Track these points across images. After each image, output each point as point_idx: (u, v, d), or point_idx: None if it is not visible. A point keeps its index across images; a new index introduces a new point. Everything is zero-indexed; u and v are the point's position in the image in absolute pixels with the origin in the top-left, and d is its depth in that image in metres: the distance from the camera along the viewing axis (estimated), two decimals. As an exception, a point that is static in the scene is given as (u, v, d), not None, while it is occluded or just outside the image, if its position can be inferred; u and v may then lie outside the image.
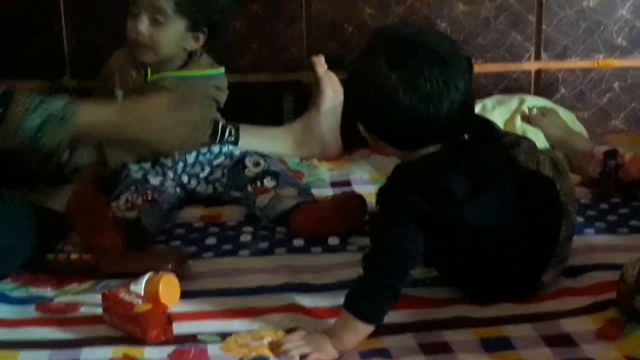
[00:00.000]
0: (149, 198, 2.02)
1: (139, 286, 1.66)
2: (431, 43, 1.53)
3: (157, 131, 1.84)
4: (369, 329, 1.52)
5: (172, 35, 2.11)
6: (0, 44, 2.50)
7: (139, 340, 1.53)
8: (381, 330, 1.56)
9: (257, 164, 2.13)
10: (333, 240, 1.94)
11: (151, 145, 1.93)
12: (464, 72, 1.53)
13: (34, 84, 2.50)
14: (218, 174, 2.16)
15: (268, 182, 2.08)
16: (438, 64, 1.51)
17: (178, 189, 2.15)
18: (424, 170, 1.55)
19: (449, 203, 1.54)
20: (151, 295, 1.64)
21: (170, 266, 1.75)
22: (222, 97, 2.22)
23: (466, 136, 1.59)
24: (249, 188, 2.08)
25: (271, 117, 2.59)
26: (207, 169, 2.17)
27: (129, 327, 1.56)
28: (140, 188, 2.05)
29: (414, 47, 1.52)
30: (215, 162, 2.18)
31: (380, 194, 1.59)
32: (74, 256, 1.82)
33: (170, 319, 1.57)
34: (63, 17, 2.52)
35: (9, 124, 1.76)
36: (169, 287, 1.67)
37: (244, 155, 2.18)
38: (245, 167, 2.13)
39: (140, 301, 1.59)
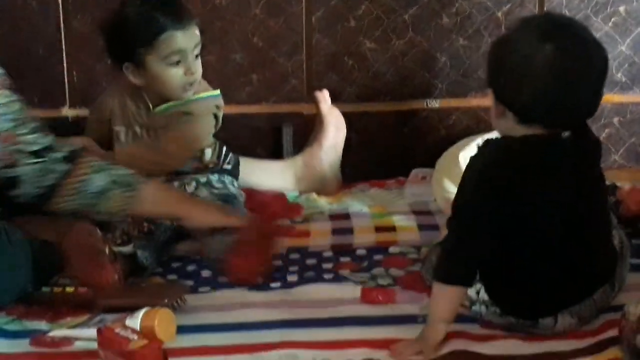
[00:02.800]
0: (145, 230, 2.01)
1: (135, 320, 1.64)
2: (579, 26, 1.59)
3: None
4: (448, 289, 1.59)
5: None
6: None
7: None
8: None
9: None
10: (328, 276, 1.93)
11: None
12: (603, 65, 1.58)
13: (34, 112, 2.51)
14: None
15: None
16: (586, 45, 1.56)
17: (175, 222, 2.14)
18: (510, 142, 1.60)
19: (521, 176, 1.58)
20: (147, 330, 1.63)
21: (166, 300, 1.74)
22: (220, 112, 2.22)
23: (566, 133, 1.60)
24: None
25: (270, 149, 2.59)
26: None
27: None
28: (136, 219, 2.05)
29: (565, 25, 1.58)
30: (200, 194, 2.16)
31: (469, 164, 1.64)
32: (69, 289, 1.81)
33: (166, 355, 1.56)
34: (64, 50, 2.52)
35: (72, 183, 1.76)
36: (165, 322, 1.66)
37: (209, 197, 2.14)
38: None
39: (135, 337, 1.57)
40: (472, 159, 1.64)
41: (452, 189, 2.17)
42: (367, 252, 2.05)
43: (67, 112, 2.55)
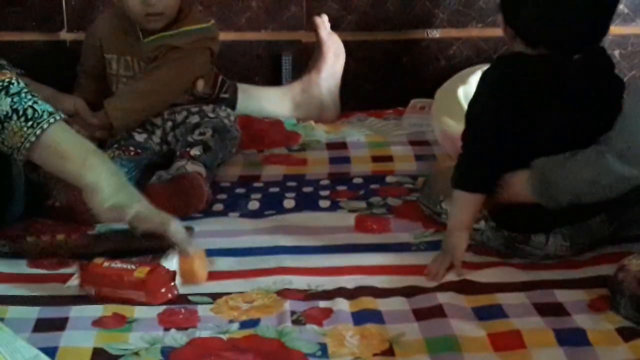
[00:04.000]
0: (131, 154, 2.01)
1: (171, 262, 1.61)
2: None
3: None
4: (468, 197, 1.65)
5: None
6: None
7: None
8: (373, 292, 1.57)
9: (202, 134, 2.07)
10: (324, 203, 1.94)
11: None
12: None
13: (32, 37, 2.50)
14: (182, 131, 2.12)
15: (195, 152, 2.01)
16: None
17: (165, 147, 2.14)
18: (521, 58, 1.65)
19: (530, 90, 1.62)
20: (186, 272, 1.60)
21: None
22: (216, 46, 2.19)
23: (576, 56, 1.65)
24: (177, 149, 2.06)
25: (269, 76, 2.57)
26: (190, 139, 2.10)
27: (128, 294, 1.54)
28: (124, 144, 2.04)
29: None
30: (197, 138, 2.09)
31: (482, 77, 1.70)
32: (60, 237, 1.74)
33: (174, 276, 1.57)
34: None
35: None
36: (202, 264, 1.64)
37: (198, 123, 2.10)
38: (192, 132, 2.09)
39: (133, 266, 1.57)
40: (486, 72, 1.70)
41: (451, 124, 2.17)
42: (364, 181, 2.05)
43: (64, 35, 2.52)
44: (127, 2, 2.06)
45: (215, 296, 1.57)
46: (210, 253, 1.72)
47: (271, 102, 2.39)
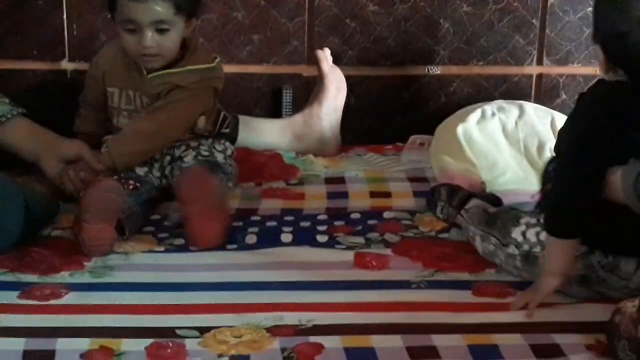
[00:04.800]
0: (131, 187, 2.00)
1: None
2: None
3: None
4: (564, 243, 1.61)
5: (176, 35, 2.05)
6: (2, 26, 2.48)
7: (115, 333, 1.53)
8: (369, 329, 1.55)
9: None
10: (322, 238, 1.93)
11: None
12: None
13: (33, 65, 2.50)
14: (177, 171, 2.10)
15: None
16: None
17: (164, 181, 2.13)
18: (624, 89, 1.59)
19: (631, 125, 1.57)
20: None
21: None
22: (220, 83, 2.18)
23: None
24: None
25: (269, 109, 2.58)
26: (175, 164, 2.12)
27: None
28: (123, 177, 2.03)
29: None
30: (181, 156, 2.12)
31: (579, 99, 1.67)
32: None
33: None
34: (64, 2, 2.49)
35: None
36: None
37: (189, 167, 2.09)
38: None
39: None
40: (584, 101, 1.66)
41: (449, 162, 2.16)
42: (362, 216, 2.04)
43: (66, 65, 2.53)
44: (124, 40, 2.04)
45: (202, 330, 1.55)
46: (204, 287, 1.71)
47: (272, 134, 2.39)
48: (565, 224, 1.63)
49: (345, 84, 2.45)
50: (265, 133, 2.39)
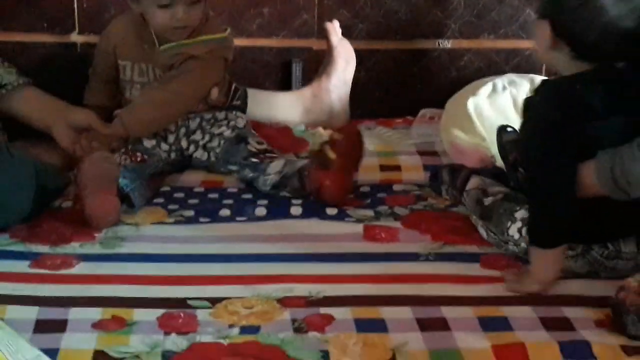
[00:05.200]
0: (138, 160, 2.00)
1: None
2: None
3: None
4: (548, 253, 1.59)
5: (204, 6, 2.07)
6: (12, -1, 2.48)
7: (127, 303, 1.54)
8: (379, 300, 1.55)
9: (260, 143, 2.11)
10: (331, 211, 1.93)
11: None
12: None
13: (43, 38, 2.49)
14: (215, 142, 2.13)
15: (273, 154, 2.08)
16: None
17: (173, 154, 2.13)
18: (569, 83, 1.57)
19: (586, 117, 1.55)
20: None
21: None
22: (230, 54, 2.18)
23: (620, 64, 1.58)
24: (254, 159, 2.05)
25: (279, 83, 2.56)
26: (207, 137, 2.14)
27: None
28: (131, 149, 2.03)
29: None
30: (216, 131, 2.14)
31: (527, 106, 1.63)
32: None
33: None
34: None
35: None
36: None
37: (245, 135, 2.13)
38: (247, 143, 2.09)
39: None
40: (533, 105, 1.61)
41: (459, 136, 2.16)
42: (371, 189, 2.04)
43: (75, 38, 2.52)
44: (153, 15, 2.03)
45: (213, 301, 1.55)
46: (214, 259, 1.72)
47: (280, 107, 2.38)
48: (550, 234, 1.59)
49: (355, 57, 2.44)
50: (274, 106, 2.38)
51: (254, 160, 2.06)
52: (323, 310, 1.53)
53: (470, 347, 1.43)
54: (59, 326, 1.46)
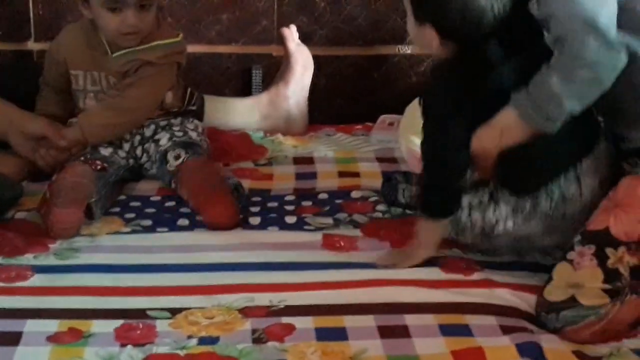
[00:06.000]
0: (99, 168, 1.98)
1: None
2: None
3: None
4: (440, 222, 1.69)
5: (154, 11, 2.04)
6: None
7: (85, 315, 1.52)
8: (342, 309, 1.55)
9: (177, 157, 2.05)
10: (290, 219, 1.92)
11: None
12: None
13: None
14: (152, 149, 2.10)
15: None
16: None
17: (131, 161, 2.11)
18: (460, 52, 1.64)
19: (485, 68, 1.61)
20: None
21: None
22: (184, 59, 2.15)
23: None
24: (172, 184, 2.02)
25: (239, 90, 2.55)
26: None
27: None
28: (90, 158, 2.01)
29: None
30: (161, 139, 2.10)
31: (425, 96, 1.70)
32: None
33: None
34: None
35: None
36: None
37: (166, 150, 2.07)
38: (167, 162, 2.05)
39: None
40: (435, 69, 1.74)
41: (417, 142, 2.15)
42: (329, 196, 2.03)
43: (32, 45, 2.50)
44: (104, 20, 2.01)
45: (174, 311, 1.54)
46: (173, 269, 1.70)
47: (238, 113, 2.37)
48: (439, 204, 1.69)
49: (312, 63, 2.44)
50: (232, 112, 2.37)
51: (172, 186, 2.03)
52: (285, 319, 1.52)
53: (430, 352, 1.43)
54: (13, 339, 1.44)
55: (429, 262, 1.72)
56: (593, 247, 1.55)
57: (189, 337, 1.46)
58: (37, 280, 1.65)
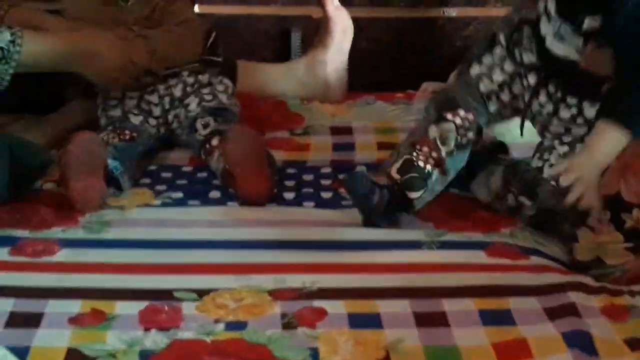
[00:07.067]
0: (127, 138, 1.92)
1: None
2: None
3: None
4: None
5: None
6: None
7: (110, 295, 1.47)
8: (376, 293, 1.49)
9: (206, 126, 2.00)
10: (326, 194, 1.86)
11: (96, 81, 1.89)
12: None
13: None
14: (182, 114, 2.04)
15: (215, 142, 1.95)
16: None
17: (162, 129, 2.05)
18: None
19: None
20: None
21: None
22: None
23: None
24: (202, 154, 1.97)
25: (277, 54, 2.50)
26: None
27: None
28: (119, 127, 1.96)
29: None
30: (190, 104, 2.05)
31: None
32: None
33: None
34: None
35: None
36: None
37: (195, 116, 2.02)
38: (196, 130, 2.00)
39: None
40: None
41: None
42: (368, 169, 1.95)
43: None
44: None
45: (201, 292, 1.48)
46: (203, 245, 1.65)
47: (273, 79, 2.31)
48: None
49: (352, 27, 2.37)
50: (267, 78, 2.33)
51: (202, 156, 1.97)
52: (316, 303, 1.46)
53: (469, 343, 1.36)
54: (34, 320, 1.39)
55: (473, 246, 1.65)
56: (609, 214, 1.61)
57: (216, 321, 1.41)
58: (63, 255, 1.61)
